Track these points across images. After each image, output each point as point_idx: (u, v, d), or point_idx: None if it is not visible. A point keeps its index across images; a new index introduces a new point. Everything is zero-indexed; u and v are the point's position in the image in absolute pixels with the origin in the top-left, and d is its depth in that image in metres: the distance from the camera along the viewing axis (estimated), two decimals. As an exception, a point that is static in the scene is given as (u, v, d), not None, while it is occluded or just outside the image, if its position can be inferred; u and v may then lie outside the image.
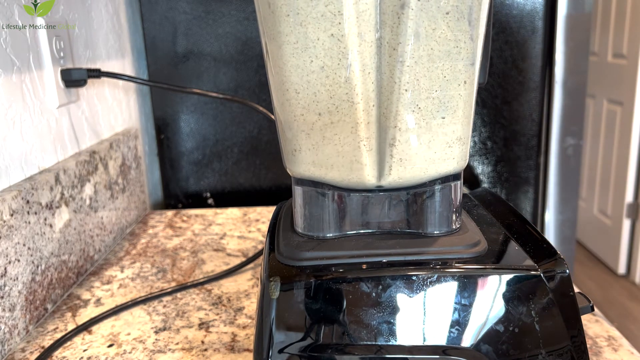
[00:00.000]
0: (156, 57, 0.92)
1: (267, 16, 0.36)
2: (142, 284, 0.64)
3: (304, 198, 0.41)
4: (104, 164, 0.74)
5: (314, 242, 0.40)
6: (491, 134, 0.95)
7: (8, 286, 0.51)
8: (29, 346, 0.52)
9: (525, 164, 0.96)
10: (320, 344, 0.36)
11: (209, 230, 0.81)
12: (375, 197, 0.40)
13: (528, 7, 0.90)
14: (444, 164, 0.38)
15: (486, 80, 0.44)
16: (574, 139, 0.96)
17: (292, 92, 0.37)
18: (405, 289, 0.36)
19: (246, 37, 0.91)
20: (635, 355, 0.47)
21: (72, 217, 0.64)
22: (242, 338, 0.52)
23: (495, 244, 0.40)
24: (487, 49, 0.41)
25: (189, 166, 0.97)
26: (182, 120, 0.95)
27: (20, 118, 0.58)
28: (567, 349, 0.36)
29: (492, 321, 0.36)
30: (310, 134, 0.38)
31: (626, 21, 2.25)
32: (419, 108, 0.36)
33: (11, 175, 0.56)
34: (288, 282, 0.37)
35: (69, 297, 0.62)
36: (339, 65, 0.35)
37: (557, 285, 0.36)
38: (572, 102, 0.94)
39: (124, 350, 0.51)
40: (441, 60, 0.35)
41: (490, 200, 0.49)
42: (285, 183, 0.98)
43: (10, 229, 0.51)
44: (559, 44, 0.92)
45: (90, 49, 0.76)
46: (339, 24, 0.34)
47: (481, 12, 0.36)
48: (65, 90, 0.67)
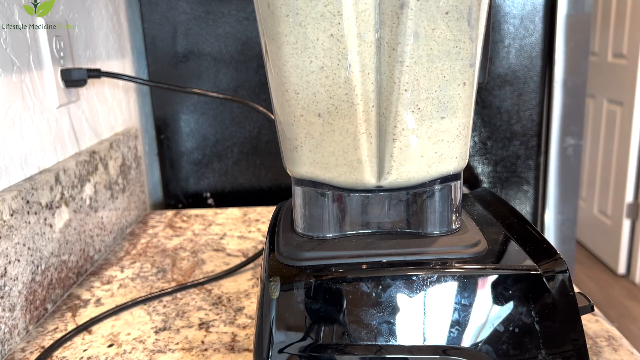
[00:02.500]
0: (156, 57, 0.92)
1: (266, 16, 0.36)
2: (142, 284, 0.64)
3: (303, 198, 0.41)
4: (104, 164, 0.74)
5: (314, 242, 0.40)
6: (491, 134, 0.95)
7: (8, 286, 0.51)
8: (29, 346, 0.52)
9: (525, 164, 0.96)
10: (320, 344, 0.36)
11: (209, 230, 0.81)
12: (375, 197, 0.40)
13: (528, 7, 0.90)
14: (444, 164, 0.38)
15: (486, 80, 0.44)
16: (574, 139, 0.96)
17: (292, 92, 0.37)
18: (405, 289, 0.36)
19: (246, 37, 0.91)
20: (635, 355, 0.47)
21: (72, 217, 0.64)
22: (242, 338, 0.52)
23: (495, 244, 0.40)
24: (486, 49, 0.41)
25: (189, 166, 0.97)
26: (182, 120, 0.95)
27: (20, 118, 0.58)
28: (567, 349, 0.36)
29: (492, 321, 0.36)
30: (310, 134, 0.38)
31: (626, 21, 2.25)
32: (419, 108, 0.36)
33: (11, 175, 0.56)
34: (288, 282, 0.37)
35: (69, 297, 0.62)
36: (338, 65, 0.35)
37: (557, 285, 0.36)
38: (572, 102, 0.94)
39: (124, 350, 0.51)
40: (441, 60, 0.35)
41: (490, 200, 0.49)
42: (285, 183, 0.98)
43: (10, 229, 0.51)
44: (559, 44, 0.92)
45: (90, 49, 0.76)
46: (338, 24, 0.34)
47: (480, 12, 0.36)
48: (65, 90, 0.67)
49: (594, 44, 2.52)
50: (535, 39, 0.91)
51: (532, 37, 0.91)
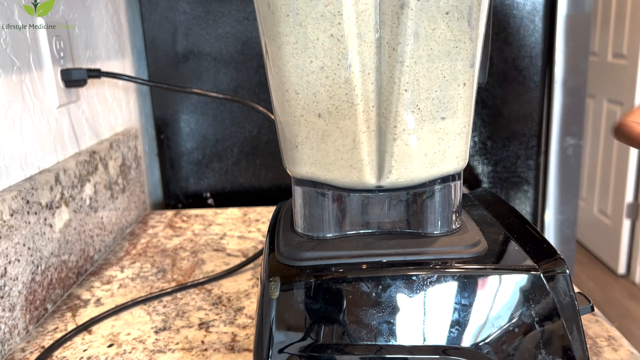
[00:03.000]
0: (156, 57, 0.92)
1: (266, 16, 0.36)
2: (142, 284, 0.64)
3: (303, 198, 0.41)
4: (104, 164, 0.74)
5: (314, 242, 0.40)
6: (491, 134, 0.95)
7: (8, 286, 0.51)
8: (29, 346, 0.52)
9: (525, 164, 0.96)
10: (320, 344, 0.36)
11: (209, 230, 0.81)
12: (375, 197, 0.40)
13: (528, 7, 0.90)
14: (444, 164, 0.38)
15: (486, 80, 0.44)
16: (574, 139, 0.96)
17: (292, 92, 0.37)
18: (405, 289, 0.36)
19: (246, 37, 0.91)
20: (635, 355, 0.47)
21: (72, 217, 0.64)
22: (242, 338, 0.52)
23: (495, 244, 0.40)
24: (486, 49, 0.41)
25: (189, 166, 0.97)
26: (182, 120, 0.95)
27: (20, 118, 0.58)
28: (567, 349, 0.36)
29: (492, 321, 0.36)
30: (310, 134, 0.38)
31: (626, 21, 2.25)
32: (419, 108, 0.36)
33: (11, 175, 0.56)
34: (288, 282, 0.37)
35: (69, 297, 0.62)
36: (338, 65, 0.35)
37: (557, 285, 0.36)
38: (572, 102, 0.94)
39: (124, 350, 0.51)
40: (441, 60, 0.35)
41: (490, 200, 0.49)
42: (285, 183, 0.98)
43: (10, 229, 0.51)
44: (559, 44, 0.92)
45: (90, 49, 0.76)
46: (338, 24, 0.34)
47: (481, 12, 0.36)
48: (65, 90, 0.67)
49: (594, 44, 2.51)
50: (535, 39, 0.91)
51: (532, 37, 0.91)
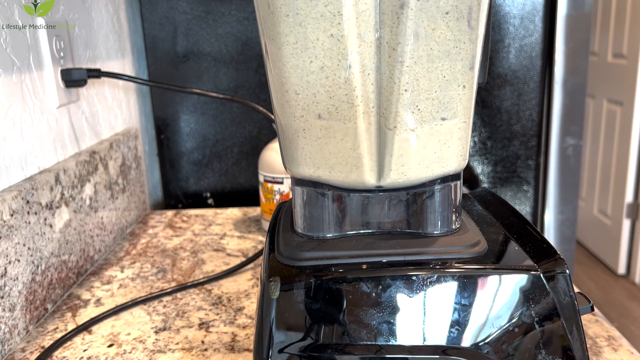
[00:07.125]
0: (156, 57, 0.92)
1: (266, 16, 0.36)
2: (142, 284, 0.64)
3: (303, 198, 0.41)
4: (104, 164, 0.74)
5: (314, 243, 0.40)
6: (491, 134, 0.95)
7: (8, 286, 0.51)
8: (29, 346, 0.52)
9: (525, 164, 0.96)
10: (320, 344, 0.36)
11: (209, 231, 0.81)
12: (375, 197, 0.40)
13: (528, 7, 0.90)
14: (444, 164, 0.38)
15: (486, 80, 0.44)
16: (574, 139, 0.96)
17: (292, 92, 0.37)
18: (405, 289, 0.36)
19: (246, 37, 0.91)
20: (635, 355, 0.47)
21: (72, 217, 0.64)
22: (242, 338, 0.52)
23: (495, 244, 0.40)
24: (486, 49, 0.41)
25: (189, 166, 0.97)
26: (182, 120, 0.95)
27: (20, 118, 0.58)
28: (567, 349, 0.36)
29: (492, 321, 0.36)
30: (310, 134, 0.38)
31: (626, 21, 2.25)
32: (419, 108, 0.36)
33: (11, 175, 0.56)
34: (288, 282, 0.37)
35: (69, 297, 0.62)
36: (338, 65, 0.35)
37: (557, 285, 0.37)
38: (572, 102, 0.94)
39: (124, 350, 0.51)
40: (441, 60, 0.35)
41: (490, 200, 0.49)
42: (285, 183, 0.98)
43: (10, 229, 0.51)
44: (559, 44, 0.92)
45: (90, 49, 0.76)
46: (338, 24, 0.34)
47: (480, 12, 0.36)
48: (65, 90, 0.67)
49: (594, 44, 2.51)
50: (535, 39, 0.91)
51: (532, 37, 0.91)
